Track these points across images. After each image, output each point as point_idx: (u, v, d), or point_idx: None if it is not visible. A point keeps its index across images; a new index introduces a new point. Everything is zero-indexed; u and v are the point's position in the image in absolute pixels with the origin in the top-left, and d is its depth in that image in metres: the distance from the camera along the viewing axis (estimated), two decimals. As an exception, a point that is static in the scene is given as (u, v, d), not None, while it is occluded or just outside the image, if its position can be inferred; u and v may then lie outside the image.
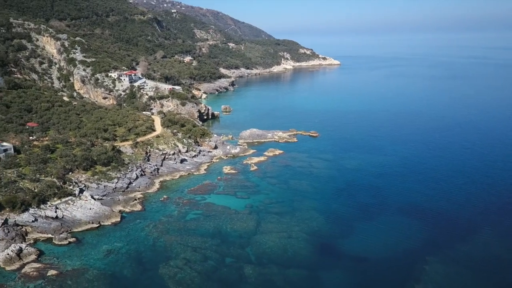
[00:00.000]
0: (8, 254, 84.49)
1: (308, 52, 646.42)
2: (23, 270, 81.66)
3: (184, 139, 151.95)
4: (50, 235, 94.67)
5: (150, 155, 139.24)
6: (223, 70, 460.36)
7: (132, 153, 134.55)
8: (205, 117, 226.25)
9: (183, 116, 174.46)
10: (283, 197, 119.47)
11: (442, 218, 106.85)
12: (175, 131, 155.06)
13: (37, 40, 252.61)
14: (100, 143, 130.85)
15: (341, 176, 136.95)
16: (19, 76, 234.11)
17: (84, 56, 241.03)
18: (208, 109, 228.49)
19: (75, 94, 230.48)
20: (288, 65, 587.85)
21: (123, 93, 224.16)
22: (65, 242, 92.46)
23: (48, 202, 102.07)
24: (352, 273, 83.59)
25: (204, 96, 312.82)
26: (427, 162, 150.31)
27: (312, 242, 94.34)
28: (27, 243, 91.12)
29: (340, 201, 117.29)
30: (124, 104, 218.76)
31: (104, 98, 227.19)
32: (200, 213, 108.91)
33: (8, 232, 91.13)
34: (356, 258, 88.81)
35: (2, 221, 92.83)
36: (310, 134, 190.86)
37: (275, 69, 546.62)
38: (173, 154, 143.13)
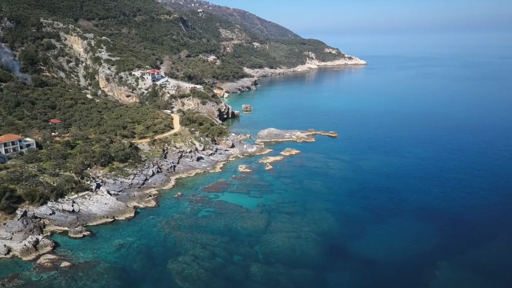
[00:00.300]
0: (25, 245, 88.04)
1: (333, 52, 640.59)
2: (38, 261, 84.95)
3: (201, 138, 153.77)
4: (66, 228, 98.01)
5: (167, 152, 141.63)
6: (246, 70, 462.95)
7: (149, 150, 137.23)
8: (225, 116, 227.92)
9: (201, 115, 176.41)
10: (295, 197, 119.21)
11: (457, 222, 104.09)
12: (193, 129, 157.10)
13: (65, 39, 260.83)
14: (118, 140, 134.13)
15: (356, 177, 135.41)
16: (47, 74, 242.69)
17: (109, 55, 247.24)
18: (228, 108, 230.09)
19: (99, 92, 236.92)
20: (312, 64, 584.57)
21: (145, 91, 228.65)
22: (80, 235, 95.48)
23: (66, 196, 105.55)
24: (359, 276, 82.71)
25: (226, 95, 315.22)
26: (446, 165, 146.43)
27: (321, 243, 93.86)
28: (44, 235, 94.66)
29: (353, 203, 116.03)
30: (146, 102, 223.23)
31: (127, 96, 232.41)
32: (212, 211, 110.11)
33: (27, 224, 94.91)
34: (365, 261, 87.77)
35: (22, 213, 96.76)
36: (329, 134, 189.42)
37: (299, 68, 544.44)
38: (190, 152, 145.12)
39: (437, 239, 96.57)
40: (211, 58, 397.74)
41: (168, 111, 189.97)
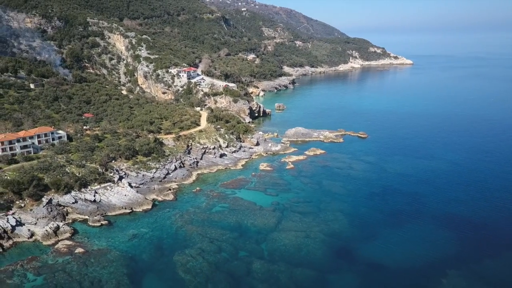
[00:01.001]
0: (46, 230, 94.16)
1: (378, 51, 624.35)
2: (56, 246, 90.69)
3: (226, 135, 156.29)
4: (86, 217, 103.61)
5: (191, 148, 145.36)
6: (286, 68, 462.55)
7: (174, 145, 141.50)
8: (256, 114, 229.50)
9: (229, 113, 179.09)
10: (312, 197, 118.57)
11: (478, 231, 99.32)
12: (218, 126, 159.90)
13: (109, 37, 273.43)
14: (144, 135, 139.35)
15: (379, 180, 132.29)
16: (91, 70, 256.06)
17: (148, 53, 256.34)
18: (260, 107, 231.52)
19: (138, 88, 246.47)
20: (356, 63, 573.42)
21: (180, 89, 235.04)
22: (98, 224, 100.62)
23: (89, 187, 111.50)
24: (362, 280, 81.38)
25: (262, 93, 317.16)
26: (478, 171, 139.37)
27: (329, 244, 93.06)
28: (66, 222, 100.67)
29: (370, 205, 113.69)
30: (181, 99, 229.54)
31: (163, 93, 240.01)
32: (226, 207, 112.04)
33: (51, 210, 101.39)
34: (371, 265, 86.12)
35: (47, 200, 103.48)
36: (359, 135, 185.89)
37: (341, 67, 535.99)
38: (213, 148, 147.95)
39: (453, 246, 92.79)
40: (251, 56, 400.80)
41: (198, 108, 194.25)
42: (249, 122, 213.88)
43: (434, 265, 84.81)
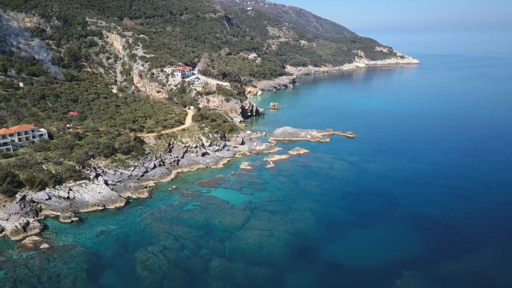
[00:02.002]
0: (15, 226, 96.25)
1: (384, 50, 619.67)
2: (23, 241, 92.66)
3: (209, 134, 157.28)
4: (59, 213, 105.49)
5: (173, 147, 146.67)
6: (289, 68, 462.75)
7: (155, 144, 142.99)
8: (249, 113, 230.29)
9: (216, 112, 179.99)
10: (285, 196, 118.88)
11: (444, 233, 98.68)
12: (203, 125, 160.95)
13: (107, 37, 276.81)
14: (126, 133, 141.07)
15: (356, 180, 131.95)
16: (88, 69, 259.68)
17: (145, 52, 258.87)
18: (253, 106, 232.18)
19: (133, 87, 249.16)
20: (361, 63, 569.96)
21: (174, 88, 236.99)
22: (68, 220, 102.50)
23: (64, 184, 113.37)
24: (317, 279, 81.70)
25: (259, 93, 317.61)
26: (460, 174, 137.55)
27: (291, 243, 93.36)
28: (38, 218, 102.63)
29: (342, 205, 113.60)
30: (175, 98, 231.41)
31: (158, 91, 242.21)
32: (198, 205, 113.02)
33: (24, 207, 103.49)
34: (330, 265, 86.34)
35: (21, 197, 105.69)
36: (347, 135, 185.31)
37: (346, 67, 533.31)
38: (196, 147, 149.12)
39: (416, 248, 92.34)
40: (252, 56, 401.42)
41: (187, 108, 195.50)
42: (240, 121, 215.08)
43: (393, 266, 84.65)
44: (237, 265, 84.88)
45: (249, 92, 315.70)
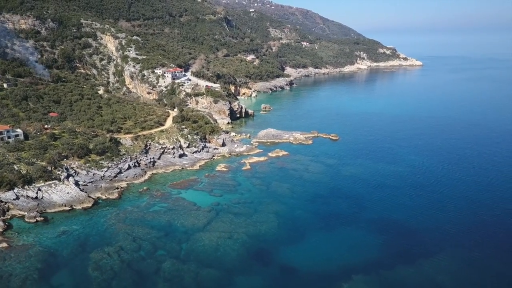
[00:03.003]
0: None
1: (388, 52, 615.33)
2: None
3: (188, 135, 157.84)
4: (25, 213, 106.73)
5: (149, 148, 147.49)
6: (289, 69, 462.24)
7: (131, 145, 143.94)
8: (238, 115, 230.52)
9: (199, 113, 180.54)
10: (254, 198, 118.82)
11: (406, 237, 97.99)
12: (183, 126, 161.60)
13: (101, 38, 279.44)
14: (102, 134, 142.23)
15: (329, 183, 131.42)
16: (82, 70, 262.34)
17: (137, 54, 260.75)
18: (241, 107, 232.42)
19: (124, 88, 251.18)
20: (363, 65, 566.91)
21: (164, 89, 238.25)
22: (33, 220, 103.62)
23: (33, 184, 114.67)
24: (268, 282, 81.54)
25: (254, 94, 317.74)
26: (438, 178, 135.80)
27: (248, 246, 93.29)
28: (3, 218, 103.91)
29: (308, 208, 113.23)
30: (164, 100, 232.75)
31: (148, 93, 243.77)
32: (164, 206, 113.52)
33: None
34: (283, 268, 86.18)
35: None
36: (330, 137, 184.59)
37: (347, 69, 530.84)
38: (173, 148, 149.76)
39: (373, 252, 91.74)
40: (250, 57, 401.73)
41: (174, 109, 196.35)
42: (228, 123, 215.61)
43: (344, 270, 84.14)
44: (189, 266, 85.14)
45: (244, 93, 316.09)
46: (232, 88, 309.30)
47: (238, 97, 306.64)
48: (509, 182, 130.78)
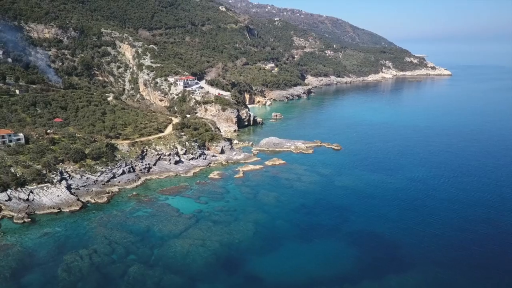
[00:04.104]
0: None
1: (415, 61, 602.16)
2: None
3: (186, 142, 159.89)
4: (15, 214, 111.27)
5: (146, 154, 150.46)
6: (310, 78, 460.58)
7: (128, 151, 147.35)
8: (246, 123, 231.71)
9: (200, 121, 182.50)
10: (238, 207, 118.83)
11: (383, 251, 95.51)
12: (182, 133, 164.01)
13: (120, 47, 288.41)
14: (101, 139, 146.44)
15: (318, 193, 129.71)
16: (100, 78, 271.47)
17: (152, 62, 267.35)
18: (250, 115, 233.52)
19: (138, 95, 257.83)
20: (388, 74, 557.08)
21: (176, 97, 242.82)
22: (21, 221, 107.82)
23: (26, 186, 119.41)
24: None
25: (268, 103, 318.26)
26: (432, 192, 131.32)
27: (219, 254, 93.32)
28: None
29: (290, 218, 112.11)
30: (175, 107, 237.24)
31: (160, 100, 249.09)
32: (148, 212, 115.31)
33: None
34: (250, 278, 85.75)
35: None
36: (333, 147, 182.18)
37: (371, 77, 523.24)
38: (169, 155, 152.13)
39: (345, 265, 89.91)
40: (269, 66, 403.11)
41: (172, 116, 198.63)
42: (234, 131, 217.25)
43: (310, 282, 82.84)
44: (154, 272, 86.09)
45: (258, 102, 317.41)
46: (247, 96, 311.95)
47: (252, 105, 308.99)
48: (505, 205, 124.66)
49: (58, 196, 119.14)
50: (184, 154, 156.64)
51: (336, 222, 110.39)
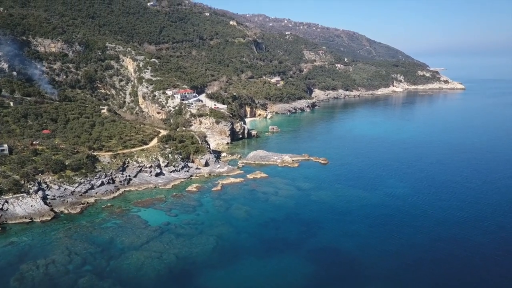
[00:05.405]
0: None
1: (427, 75, 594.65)
2: None
3: (169, 154, 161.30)
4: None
5: (127, 166, 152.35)
6: (317, 91, 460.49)
7: (109, 162, 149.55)
8: (240, 136, 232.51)
9: (188, 133, 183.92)
10: (206, 220, 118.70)
11: (340, 269, 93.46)
12: (166, 146, 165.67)
13: (123, 61, 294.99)
14: (83, 151, 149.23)
15: (291, 207, 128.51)
16: (102, 90, 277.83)
17: (152, 75, 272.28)
18: (244, 128, 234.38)
19: (137, 108, 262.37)
20: (399, 87, 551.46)
21: (172, 109, 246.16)
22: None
23: (2, 196, 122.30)
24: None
25: (269, 116, 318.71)
26: (409, 209, 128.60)
27: (173, 267, 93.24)
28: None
29: (256, 232, 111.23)
30: (171, 120, 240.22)
31: (158, 113, 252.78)
32: (117, 223, 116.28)
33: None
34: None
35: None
36: (320, 161, 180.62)
37: (380, 91, 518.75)
38: (150, 167, 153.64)
39: (298, 281, 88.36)
40: (274, 79, 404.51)
41: (160, 129, 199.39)
42: (227, 143, 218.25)
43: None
44: (103, 283, 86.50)
45: (259, 115, 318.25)
46: (248, 109, 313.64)
47: (253, 118, 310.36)
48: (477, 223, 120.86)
49: (31, 206, 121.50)
50: (166, 166, 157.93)
51: (301, 237, 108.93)
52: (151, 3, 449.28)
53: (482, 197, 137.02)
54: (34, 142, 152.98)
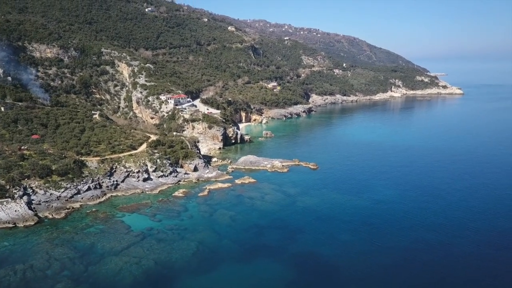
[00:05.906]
0: None
1: (426, 80, 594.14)
2: None
3: (158, 159, 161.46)
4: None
5: (115, 171, 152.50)
6: (315, 96, 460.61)
7: (96, 167, 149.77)
8: (233, 141, 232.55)
9: (177, 138, 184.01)
10: (189, 225, 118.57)
11: (320, 276, 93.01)
12: (155, 151, 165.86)
13: (118, 66, 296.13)
14: (71, 156, 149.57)
15: (275, 213, 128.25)
16: (97, 96, 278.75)
17: (146, 80, 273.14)
18: (237, 133, 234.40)
19: (131, 113, 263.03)
20: (397, 92, 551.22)
21: (166, 115, 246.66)
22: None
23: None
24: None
25: (264, 121, 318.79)
26: (395, 212, 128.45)
27: (151, 272, 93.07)
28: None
29: (238, 237, 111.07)
30: (165, 125, 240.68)
31: (151, 118, 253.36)
32: (99, 228, 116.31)
33: None
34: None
35: None
36: (310, 166, 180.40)
37: (378, 96, 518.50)
38: (138, 172, 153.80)
39: (272, 287, 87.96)
40: (271, 84, 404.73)
41: (151, 134, 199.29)
42: (219, 148, 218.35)
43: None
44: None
45: (254, 120, 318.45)
46: (243, 114, 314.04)
47: (248, 123, 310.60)
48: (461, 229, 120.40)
49: (15, 211, 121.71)
50: (154, 171, 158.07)
51: (283, 243, 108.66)
52: (149, 9, 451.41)
53: (472, 202, 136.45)
54: (22, 147, 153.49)
